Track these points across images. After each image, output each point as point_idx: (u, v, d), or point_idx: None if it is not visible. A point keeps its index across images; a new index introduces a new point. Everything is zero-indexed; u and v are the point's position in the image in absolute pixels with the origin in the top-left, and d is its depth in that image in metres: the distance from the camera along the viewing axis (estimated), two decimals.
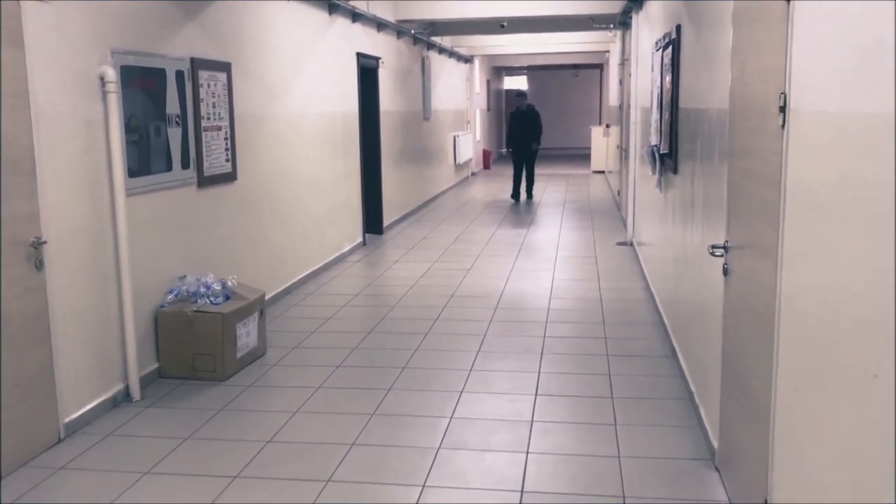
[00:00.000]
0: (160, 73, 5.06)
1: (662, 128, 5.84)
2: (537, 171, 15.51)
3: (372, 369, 5.18)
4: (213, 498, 3.48)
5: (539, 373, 5.05)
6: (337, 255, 8.69)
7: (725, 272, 3.42)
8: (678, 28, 5.24)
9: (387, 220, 10.81)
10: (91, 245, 4.37)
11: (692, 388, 4.48)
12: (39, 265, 3.91)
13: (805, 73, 2.36)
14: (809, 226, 2.31)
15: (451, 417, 4.34)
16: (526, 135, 14.02)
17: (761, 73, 2.85)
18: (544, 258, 8.78)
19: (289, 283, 7.24)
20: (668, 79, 5.61)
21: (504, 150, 14.57)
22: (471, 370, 5.11)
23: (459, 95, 17.60)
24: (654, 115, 6.35)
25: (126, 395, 4.66)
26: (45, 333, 3.98)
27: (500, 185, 16.81)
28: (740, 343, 3.15)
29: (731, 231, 3.35)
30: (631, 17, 9.62)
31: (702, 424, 4.07)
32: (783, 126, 2.52)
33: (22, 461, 3.82)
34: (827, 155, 2.16)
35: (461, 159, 16.95)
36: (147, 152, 4.94)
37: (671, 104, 5.41)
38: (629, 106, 9.87)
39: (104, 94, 4.42)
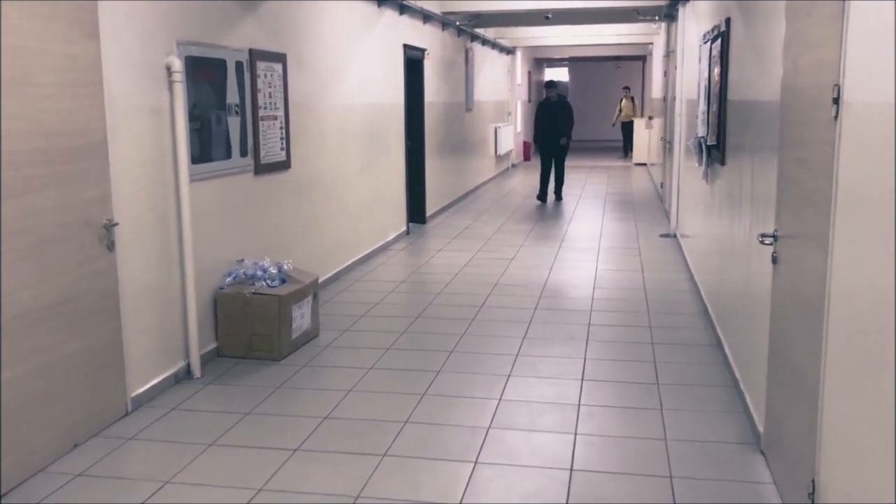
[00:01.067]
0: (221, 64, 5.24)
1: (710, 119, 5.89)
2: (569, 164, 14.71)
3: (421, 352, 5.33)
4: (276, 468, 3.66)
5: (585, 359, 5.15)
6: (382, 242, 8.86)
7: (774, 260, 3.49)
8: (728, 21, 5.28)
9: (429, 209, 10.96)
10: (157, 228, 4.57)
11: (737, 375, 4.56)
12: (111, 246, 4.12)
13: (858, 66, 2.44)
14: (860, 214, 2.39)
15: (500, 399, 4.47)
16: (554, 129, 12.70)
17: (814, 66, 2.92)
18: (587, 249, 8.86)
19: (338, 269, 7.42)
20: (716, 71, 5.66)
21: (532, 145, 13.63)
22: (517, 355, 5.23)
23: (501, 87, 17.67)
24: (702, 107, 6.39)
25: (187, 373, 4.86)
26: (115, 312, 4.19)
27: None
28: (789, 329, 3.23)
29: (781, 220, 3.43)
30: (677, 10, 9.63)
31: (747, 410, 4.15)
32: (836, 117, 2.60)
33: (94, 432, 4.03)
34: (878, 145, 2.24)
35: (502, 150, 17.03)
36: (208, 140, 5.13)
37: (719, 96, 5.46)
38: (674, 98, 9.88)
39: (170, 84, 4.62)
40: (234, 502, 3.37)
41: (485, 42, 14.89)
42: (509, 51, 18.17)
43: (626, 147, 21.85)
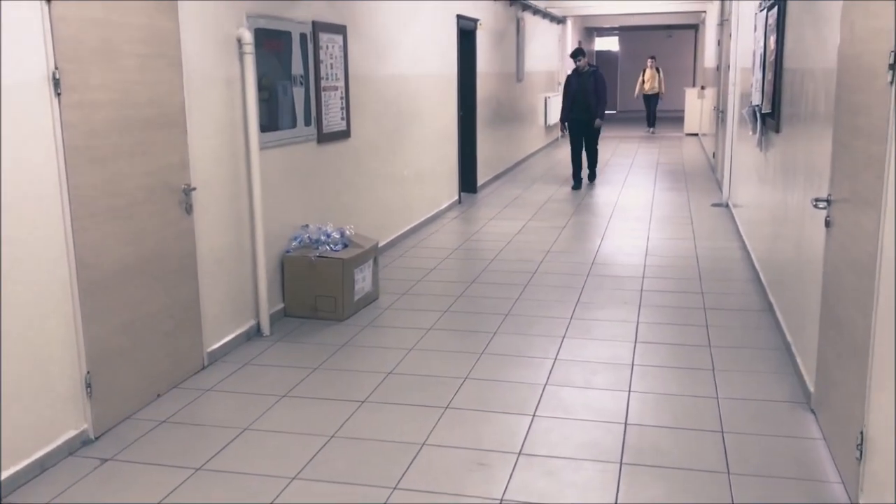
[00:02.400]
0: (287, 36, 5.44)
1: (765, 88, 5.92)
2: (617, 133, 13.99)
3: (477, 315, 5.52)
4: (346, 418, 3.90)
5: (637, 322, 5.29)
6: (436, 211, 9.05)
7: (827, 224, 3.59)
8: None
9: (480, 179, 11.10)
10: (230, 193, 4.82)
11: (788, 338, 4.66)
12: (189, 209, 4.37)
13: None
14: None
15: (555, 359, 4.65)
16: (584, 104, 11.09)
17: (871, 33, 3.00)
18: (638, 218, 8.94)
19: (394, 236, 7.64)
20: (772, 39, 5.68)
21: (561, 128, 11.52)
22: (571, 318, 5.39)
23: (551, 57, 17.63)
24: (757, 76, 6.41)
25: (257, 331, 5.13)
26: (193, 272, 4.46)
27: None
28: (841, 290, 3.34)
29: (835, 185, 3.52)
30: None
31: (798, 371, 4.26)
32: (892, 83, 2.69)
33: (174, 383, 4.32)
34: None
35: (551, 121, 17.03)
36: (276, 109, 5.35)
37: (775, 64, 5.50)
38: (728, 67, 9.84)
39: (241, 55, 4.83)
40: (309, 447, 3.61)
41: (536, 12, 14.88)
42: (560, 20, 18.10)
43: (651, 120, 20.46)
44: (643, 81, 20.25)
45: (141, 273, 3.99)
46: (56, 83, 3.38)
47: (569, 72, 11.75)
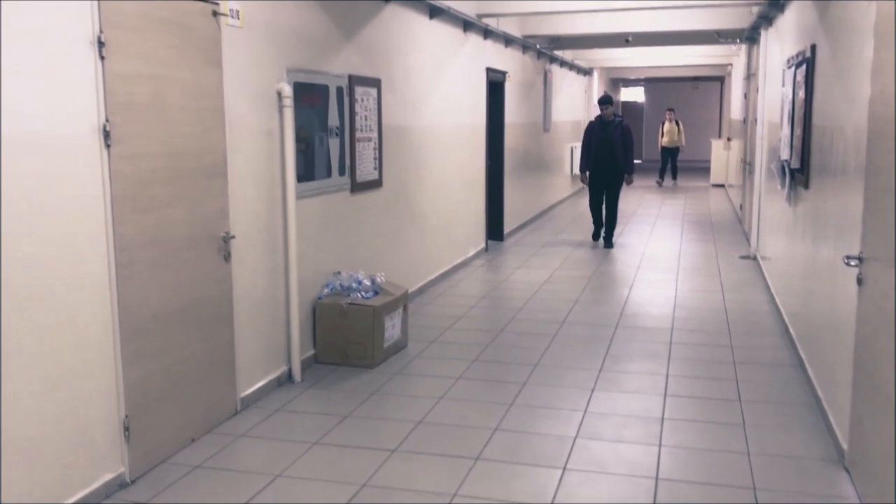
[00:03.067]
0: (324, 89, 5.60)
1: (794, 143, 5.97)
2: (641, 184, 13.63)
3: (506, 364, 5.55)
4: (377, 467, 3.92)
5: (667, 375, 5.29)
6: (463, 258, 9.13)
7: (859, 282, 3.61)
8: (813, 47, 5.39)
9: (507, 227, 11.19)
10: (266, 241, 4.92)
11: (820, 394, 4.64)
12: (227, 257, 4.47)
13: None
14: None
15: (585, 411, 4.66)
16: (607, 156, 10.30)
17: None
18: (666, 269, 8.95)
19: (422, 283, 7.71)
20: (800, 95, 5.75)
21: (581, 178, 10.80)
22: (600, 370, 5.40)
23: (578, 107, 17.83)
24: (785, 131, 6.47)
25: (289, 377, 5.19)
26: (229, 318, 4.54)
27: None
28: (875, 347, 3.34)
29: (867, 243, 3.54)
30: (759, 33, 9.67)
31: (830, 428, 4.24)
32: None
33: (208, 428, 4.37)
34: None
35: (577, 170, 17.12)
36: (312, 160, 5.48)
37: (804, 120, 5.56)
38: (755, 120, 9.91)
39: (281, 108, 4.98)
40: (340, 496, 3.64)
41: (563, 63, 15.11)
42: (586, 72, 18.33)
43: (663, 173, 19.85)
44: (662, 134, 20.11)
45: (179, 319, 4.08)
46: (106, 135, 3.52)
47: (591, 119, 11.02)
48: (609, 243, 10.46)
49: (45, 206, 3.23)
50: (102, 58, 3.48)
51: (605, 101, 10.40)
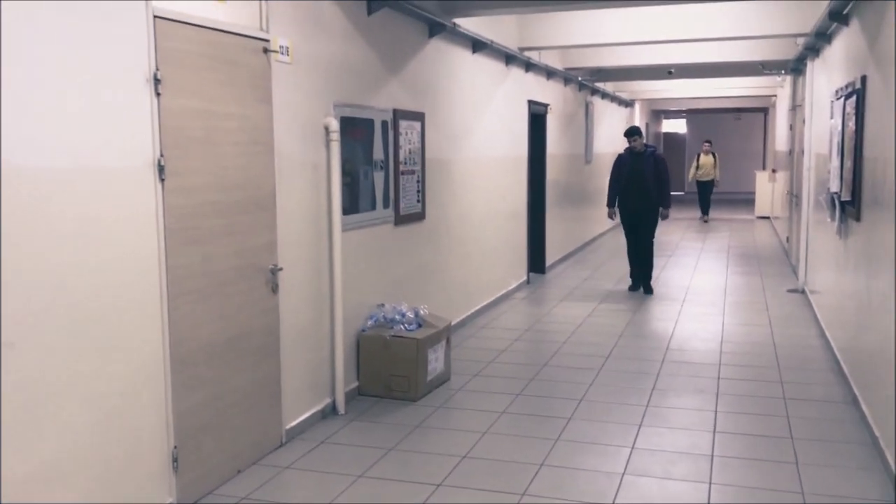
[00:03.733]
0: (369, 123, 5.67)
1: (844, 175, 5.88)
2: (684, 215, 13.64)
3: (550, 399, 5.49)
4: (422, 502, 3.89)
5: (715, 411, 5.19)
6: (504, 291, 9.10)
7: None
8: (864, 78, 5.32)
9: (549, 259, 11.14)
10: (312, 273, 4.97)
11: (876, 433, 4.50)
12: (275, 289, 4.52)
13: None
14: None
15: (633, 447, 4.58)
16: (638, 191, 9.26)
17: None
18: (712, 303, 8.82)
19: (464, 316, 7.70)
20: (850, 126, 5.67)
21: (609, 213, 9.75)
22: (647, 405, 5.32)
23: (619, 138, 17.73)
24: (835, 163, 6.37)
25: (333, 409, 5.20)
26: (275, 349, 4.57)
27: (659, 228, 16.72)
28: None
29: None
30: (805, 64, 9.58)
31: (888, 468, 4.11)
32: None
33: (254, 459, 4.39)
34: None
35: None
36: (357, 193, 5.53)
37: (854, 152, 5.47)
38: (801, 152, 9.78)
39: (328, 142, 5.05)
40: None
41: (604, 95, 15.11)
42: (628, 103, 18.32)
43: (704, 208, 18.49)
44: (697, 167, 18.79)
45: (228, 349, 4.12)
46: (161, 169, 3.59)
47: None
48: (648, 289, 9.38)
49: (102, 238, 3.30)
50: (158, 94, 3.57)
51: (632, 133, 9.45)
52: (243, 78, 4.20)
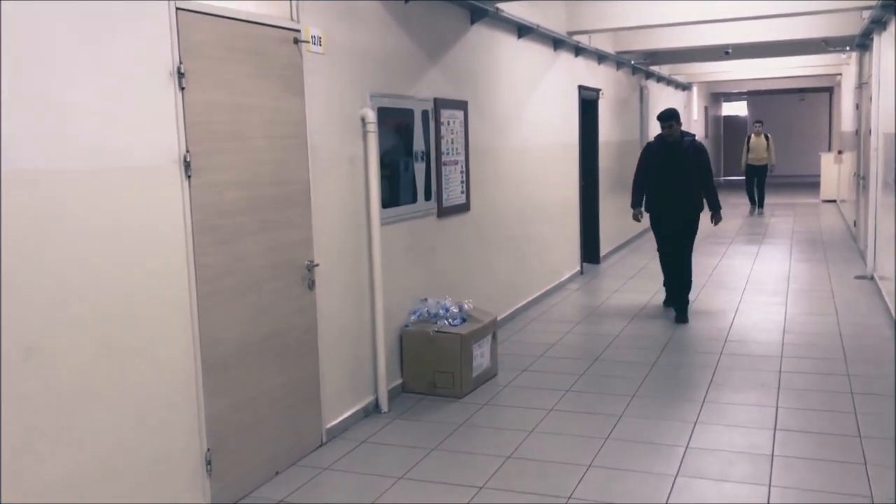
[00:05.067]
0: (409, 114, 5.52)
1: None
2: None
3: (601, 395, 5.28)
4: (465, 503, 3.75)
5: (777, 407, 4.91)
6: (557, 282, 8.87)
7: None
8: None
9: (603, 249, 10.86)
10: (350, 268, 4.85)
11: None
12: (311, 285, 4.41)
13: None
14: None
15: (687, 447, 4.35)
16: (678, 192, 7.20)
17: None
18: (774, 291, 8.44)
19: (513, 309, 7.51)
20: None
21: (635, 214, 7.59)
22: (703, 401, 5.06)
23: None
24: None
25: (375, 407, 5.08)
26: (313, 346, 4.47)
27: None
28: None
29: None
30: (871, 39, 9.10)
31: None
32: None
33: (293, 460, 4.29)
34: None
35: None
36: (397, 185, 5.39)
37: None
38: (869, 131, 9.30)
39: (364, 134, 4.91)
40: None
41: (660, 79, 14.69)
42: (685, 87, 17.80)
43: (753, 198, 16.50)
44: (748, 150, 16.69)
45: (262, 349, 4.03)
46: (187, 166, 3.50)
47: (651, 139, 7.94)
48: (683, 316, 7.16)
49: (128, 238, 3.22)
50: (182, 88, 3.47)
51: (667, 117, 7.27)
52: (273, 70, 4.09)
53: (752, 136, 17.00)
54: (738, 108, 27.59)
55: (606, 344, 6.54)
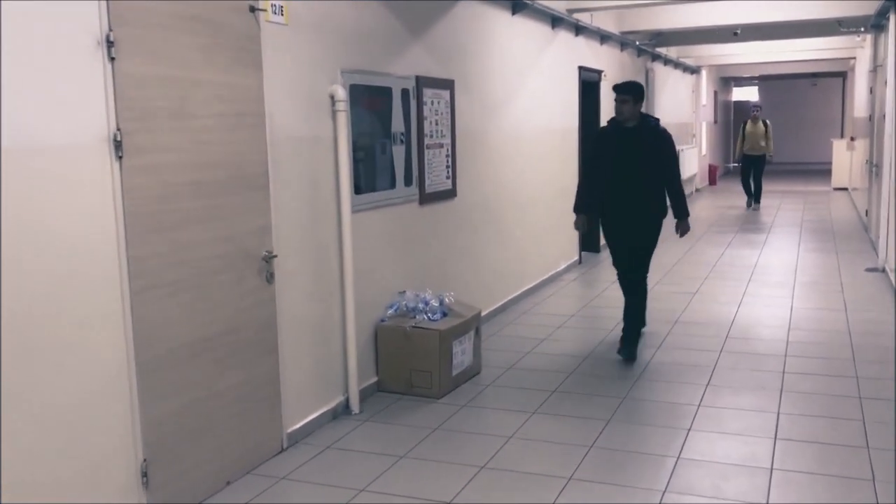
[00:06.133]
0: (387, 92, 5.13)
1: None
2: (765, 187, 12.24)
3: (589, 397, 4.91)
4: None
5: (778, 413, 4.53)
6: (552, 273, 8.49)
7: None
8: None
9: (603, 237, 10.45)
10: (317, 259, 4.48)
11: None
12: (270, 278, 4.04)
13: None
14: None
15: (678, 458, 3.98)
16: (633, 189, 5.55)
17: None
18: (780, 283, 8.04)
19: (504, 301, 7.14)
20: None
21: (577, 221, 5.92)
22: (699, 406, 4.69)
23: (684, 108, 16.83)
24: None
25: (346, 408, 4.72)
26: (273, 344, 4.11)
27: (727, 202, 15.81)
28: None
29: None
30: (887, 19, 8.64)
31: None
32: None
33: (247, 469, 3.94)
34: None
35: (685, 174, 16.13)
36: (372, 170, 5.02)
37: None
38: (883, 117, 8.85)
39: (334, 113, 4.53)
40: None
41: (667, 62, 14.22)
42: (693, 70, 17.31)
43: (749, 191, 14.73)
44: (743, 138, 14.80)
45: (212, 347, 3.67)
46: (117, 145, 3.13)
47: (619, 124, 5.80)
48: (630, 351, 5.54)
49: (48, 226, 2.87)
50: (112, 59, 3.10)
51: (625, 89, 5.43)
52: (226, 41, 3.70)
53: (749, 122, 14.89)
54: (748, 94, 27.03)
55: (599, 340, 6.17)
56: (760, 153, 14.69)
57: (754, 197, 14.75)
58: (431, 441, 4.28)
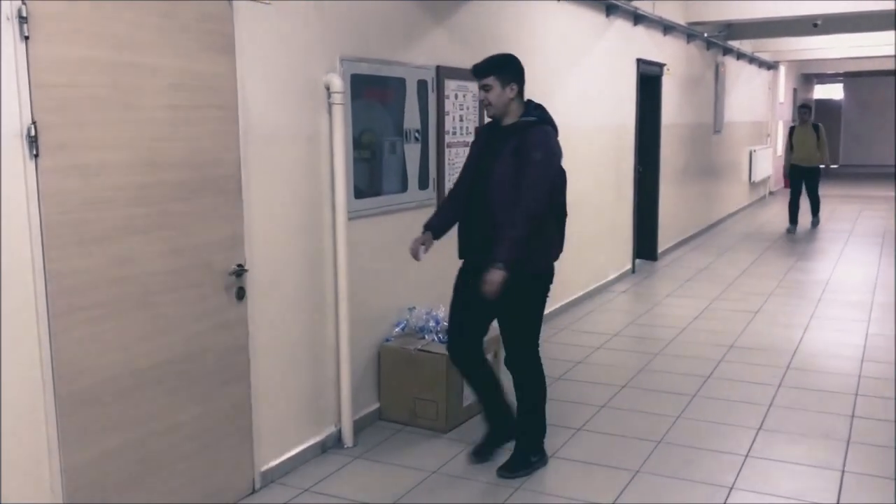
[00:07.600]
0: (398, 83, 4.55)
1: None
2: (833, 192, 11.32)
3: (620, 438, 4.24)
4: None
5: (843, 471, 3.79)
6: (599, 283, 7.78)
7: None
8: None
9: (662, 244, 9.68)
10: (304, 272, 3.93)
11: None
12: (240, 295, 3.51)
13: None
14: None
15: None
16: (482, 209, 3.79)
17: None
18: (856, 304, 7.16)
19: None
20: None
21: (416, 243, 4.01)
22: (747, 455, 3.98)
23: (759, 106, 15.77)
24: None
25: (338, 440, 4.17)
26: (244, 370, 3.58)
27: (802, 206, 14.70)
28: None
29: None
30: None
31: None
32: None
33: None
34: None
35: (757, 177, 15.15)
36: (379, 171, 4.45)
37: None
38: None
39: (329, 106, 3.97)
40: None
41: (740, 56, 13.25)
42: (770, 65, 16.21)
43: (795, 213, 11.90)
44: (791, 147, 11.98)
45: (159, 378, 3.15)
46: (31, 141, 2.63)
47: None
48: (484, 453, 3.97)
49: None
50: (26, 37, 2.59)
51: (483, 70, 3.89)
52: (186, 21, 3.18)
53: (797, 127, 12.11)
54: (832, 92, 25.51)
55: (642, 366, 5.47)
56: (813, 165, 11.89)
57: (812, 212, 12.25)
58: (426, 488, 3.69)
